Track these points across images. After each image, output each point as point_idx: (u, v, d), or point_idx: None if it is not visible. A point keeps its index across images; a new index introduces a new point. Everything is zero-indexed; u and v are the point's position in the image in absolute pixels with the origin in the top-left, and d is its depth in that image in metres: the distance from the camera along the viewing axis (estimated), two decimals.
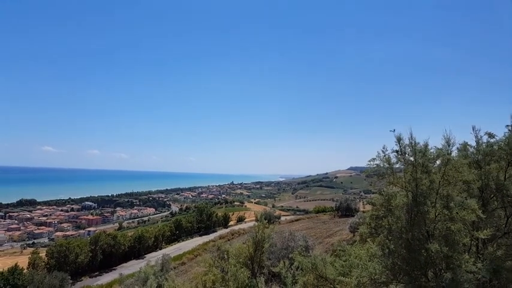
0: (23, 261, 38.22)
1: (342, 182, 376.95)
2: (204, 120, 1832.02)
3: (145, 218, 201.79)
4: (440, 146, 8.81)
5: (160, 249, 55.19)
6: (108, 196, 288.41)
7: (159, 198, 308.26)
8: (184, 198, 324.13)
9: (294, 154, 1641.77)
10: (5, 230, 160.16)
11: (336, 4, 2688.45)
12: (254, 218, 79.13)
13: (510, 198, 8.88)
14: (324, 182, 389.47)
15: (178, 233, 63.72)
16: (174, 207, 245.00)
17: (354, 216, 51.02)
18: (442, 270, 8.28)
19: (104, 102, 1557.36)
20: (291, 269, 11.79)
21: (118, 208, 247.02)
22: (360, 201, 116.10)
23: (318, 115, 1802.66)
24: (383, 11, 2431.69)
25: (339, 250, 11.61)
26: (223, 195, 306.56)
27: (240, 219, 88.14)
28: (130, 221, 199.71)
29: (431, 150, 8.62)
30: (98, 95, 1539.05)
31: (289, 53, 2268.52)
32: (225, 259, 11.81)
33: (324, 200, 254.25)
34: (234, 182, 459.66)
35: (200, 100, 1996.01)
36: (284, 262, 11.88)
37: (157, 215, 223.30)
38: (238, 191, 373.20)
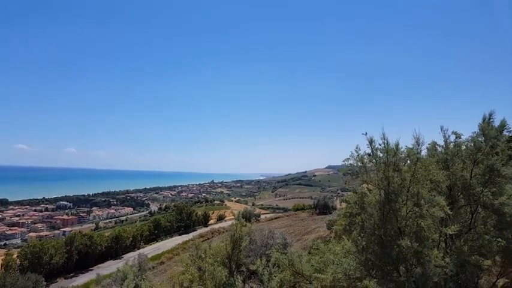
0: None
1: (320, 180, 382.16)
2: (185, 119, 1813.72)
3: (123, 218, 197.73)
4: (410, 146, 9.15)
5: (139, 249, 54.30)
6: (84, 195, 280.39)
7: (137, 197, 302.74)
8: (164, 197, 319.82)
9: (274, 153, 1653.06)
10: None
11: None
12: (234, 217, 79.25)
13: (475, 197, 9.32)
14: (303, 180, 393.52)
15: (157, 233, 62.91)
16: (153, 207, 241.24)
17: (331, 213, 51.99)
18: (413, 265, 8.61)
19: (82, 98, 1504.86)
20: (268, 266, 11.92)
21: (94, 208, 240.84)
22: (337, 199, 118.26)
23: (298, 114, 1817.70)
24: (360, 13, 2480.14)
25: (314, 248, 11.83)
26: (203, 194, 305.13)
27: (220, 218, 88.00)
28: (107, 220, 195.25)
29: (402, 149, 8.95)
30: (75, 90, 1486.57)
31: (268, 51, 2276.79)
32: (203, 258, 11.79)
33: (302, 198, 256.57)
34: (215, 181, 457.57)
35: (180, 99, 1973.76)
36: (261, 260, 12.00)
37: (136, 214, 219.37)
38: (219, 190, 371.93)
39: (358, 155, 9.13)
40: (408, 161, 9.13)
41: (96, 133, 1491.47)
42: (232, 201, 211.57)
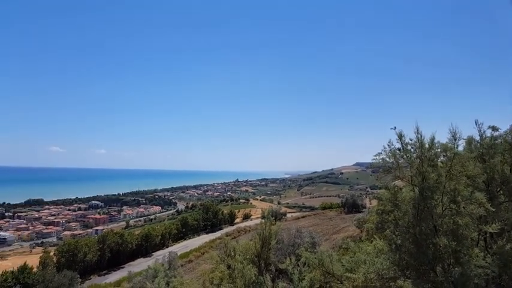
0: (32, 261, 38.69)
1: (347, 178, 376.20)
2: (209, 118, 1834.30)
3: (152, 217, 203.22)
4: (444, 141, 8.73)
5: (167, 247, 55.51)
6: (114, 195, 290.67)
7: (164, 196, 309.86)
8: (190, 196, 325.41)
9: (299, 151, 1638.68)
10: (14, 230, 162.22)
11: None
12: (260, 215, 79.48)
13: None
14: (330, 178, 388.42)
15: (184, 231, 64.05)
16: (180, 205, 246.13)
17: (360, 212, 50.98)
18: (451, 265, 8.23)
19: (110, 101, 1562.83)
20: (298, 265, 11.80)
21: (124, 207, 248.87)
22: (366, 197, 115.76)
23: (323, 111, 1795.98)
24: (385, 6, 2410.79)
25: (344, 248, 11.59)
26: (228, 193, 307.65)
27: (246, 217, 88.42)
28: (137, 219, 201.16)
29: (437, 144, 8.56)
30: (104, 94, 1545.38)
31: (291, 49, 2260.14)
32: (232, 256, 11.83)
33: (329, 196, 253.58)
34: (239, 180, 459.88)
35: (205, 98, 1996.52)
36: (291, 259, 11.89)
37: (164, 213, 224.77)
38: (244, 189, 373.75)
39: (390, 150, 8.80)
40: (442, 157, 8.72)
41: (124, 135, 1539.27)
42: (257, 199, 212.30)
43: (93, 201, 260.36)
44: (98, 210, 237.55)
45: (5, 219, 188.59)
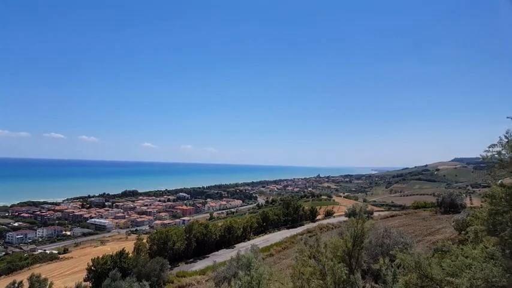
0: (128, 246, 43.35)
1: (444, 175, 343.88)
2: (290, 113, 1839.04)
3: (233, 210, 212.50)
4: None
5: (249, 239, 57.30)
6: (199, 188, 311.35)
7: (245, 190, 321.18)
8: (270, 190, 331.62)
9: (388, 145, 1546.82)
10: (112, 218, 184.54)
11: None
12: (343, 213, 77.23)
13: None
14: (424, 175, 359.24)
15: (265, 225, 65.32)
16: (260, 200, 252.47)
17: (459, 212, 46.10)
18: None
19: (196, 101, 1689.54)
20: (392, 266, 11.12)
21: (208, 199, 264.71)
22: (466, 196, 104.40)
23: (416, 103, 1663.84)
24: None
25: (444, 250, 10.51)
26: (309, 189, 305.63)
27: (328, 214, 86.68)
28: (220, 211, 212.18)
29: None
30: (189, 95, 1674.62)
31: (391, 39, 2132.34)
32: (322, 252, 11.64)
33: (423, 194, 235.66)
34: (321, 175, 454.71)
35: (286, 94, 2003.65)
36: (384, 259, 11.27)
37: (245, 206, 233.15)
38: (326, 185, 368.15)
39: (508, 142, 7.60)
40: None
41: (208, 132, 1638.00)
42: (340, 196, 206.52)
43: (181, 193, 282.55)
44: (185, 201, 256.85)
45: (105, 208, 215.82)
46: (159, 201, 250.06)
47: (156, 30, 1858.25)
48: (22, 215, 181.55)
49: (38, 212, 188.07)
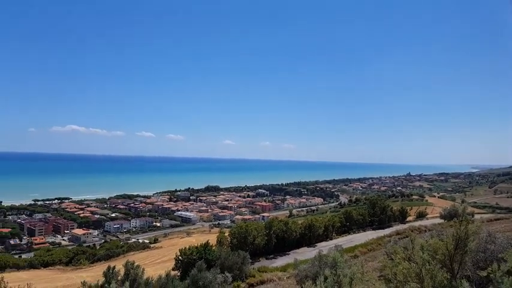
0: (211, 239, 45.17)
1: None
2: (373, 107, 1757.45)
3: (314, 208, 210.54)
4: None
5: (331, 239, 55.74)
6: (278, 185, 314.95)
7: (326, 188, 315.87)
8: (353, 189, 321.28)
9: (491, 140, 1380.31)
10: (196, 211, 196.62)
11: None
12: (438, 215, 71.50)
13: None
14: None
15: (348, 225, 63.02)
16: (343, 198, 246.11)
17: None
18: None
19: (272, 99, 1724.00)
20: (507, 274, 9.36)
21: (287, 196, 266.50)
22: None
23: None
24: None
25: None
26: (398, 188, 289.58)
27: (420, 215, 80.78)
28: (299, 209, 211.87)
29: None
30: (266, 93, 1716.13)
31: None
32: (420, 255, 10.34)
33: None
34: (411, 173, 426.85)
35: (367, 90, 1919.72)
36: (499, 265, 9.55)
37: (325, 205, 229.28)
38: (417, 184, 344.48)
39: None
40: None
41: (285, 128, 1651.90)
42: (434, 196, 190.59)
43: (260, 190, 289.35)
44: (264, 198, 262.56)
45: (190, 202, 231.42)
46: (239, 196, 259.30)
47: (233, 35, 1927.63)
48: (118, 206, 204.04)
49: (132, 204, 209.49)
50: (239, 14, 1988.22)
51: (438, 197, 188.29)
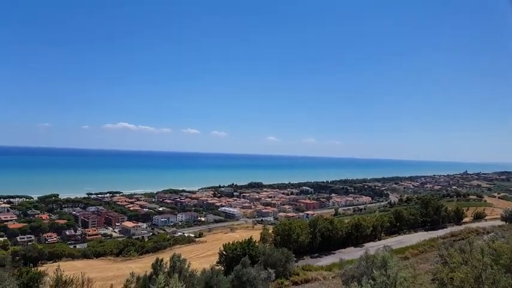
0: (254, 235, 45.51)
1: None
2: (425, 100, 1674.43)
3: (361, 206, 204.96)
4: None
5: (379, 239, 53.97)
6: (323, 182, 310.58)
7: (375, 186, 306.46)
8: (404, 188, 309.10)
9: None
10: (240, 208, 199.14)
11: None
12: (498, 216, 67.16)
13: None
14: None
15: (398, 225, 60.66)
16: (393, 197, 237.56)
17: None
18: None
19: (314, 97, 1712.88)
20: None
21: (333, 194, 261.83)
22: None
23: None
24: None
25: None
26: (453, 187, 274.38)
27: (478, 216, 75.72)
28: (346, 208, 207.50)
29: None
30: (306, 91, 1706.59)
31: None
32: (479, 259, 9.60)
33: None
34: (468, 172, 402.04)
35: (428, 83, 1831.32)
36: None
37: (374, 204, 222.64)
38: (475, 183, 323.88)
39: None
40: None
41: (331, 125, 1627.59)
42: (494, 197, 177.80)
43: (304, 187, 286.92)
44: (308, 195, 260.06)
45: (233, 198, 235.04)
46: (283, 193, 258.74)
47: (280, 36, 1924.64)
48: (165, 201, 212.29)
49: (178, 199, 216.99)
50: (294, 13, 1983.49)
51: (499, 198, 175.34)
